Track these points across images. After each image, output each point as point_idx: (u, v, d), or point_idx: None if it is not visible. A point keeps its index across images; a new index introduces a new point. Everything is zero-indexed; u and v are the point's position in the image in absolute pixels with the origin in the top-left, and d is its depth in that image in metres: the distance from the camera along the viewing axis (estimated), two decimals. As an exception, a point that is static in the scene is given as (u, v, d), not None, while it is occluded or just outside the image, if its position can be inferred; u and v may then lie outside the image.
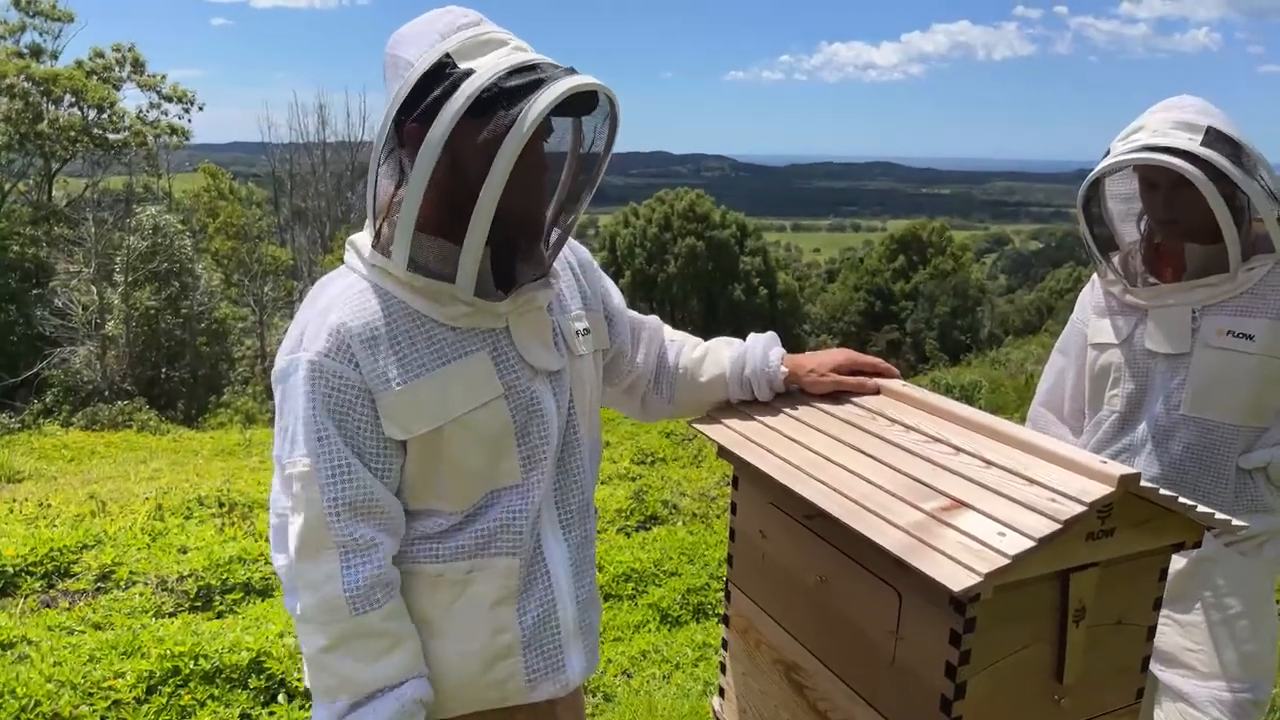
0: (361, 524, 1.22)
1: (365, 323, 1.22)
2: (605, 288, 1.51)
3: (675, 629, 3.88)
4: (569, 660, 1.36)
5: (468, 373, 1.24)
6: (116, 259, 19.24)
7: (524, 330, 1.30)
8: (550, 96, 1.14)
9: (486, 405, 1.25)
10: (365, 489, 1.22)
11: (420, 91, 1.17)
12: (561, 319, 1.37)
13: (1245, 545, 1.85)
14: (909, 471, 1.20)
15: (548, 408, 1.31)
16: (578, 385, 1.38)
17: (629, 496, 5.68)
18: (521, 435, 1.28)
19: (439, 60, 1.18)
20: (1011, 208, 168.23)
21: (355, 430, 1.22)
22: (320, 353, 1.21)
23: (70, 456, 10.98)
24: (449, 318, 1.24)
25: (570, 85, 1.16)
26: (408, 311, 1.24)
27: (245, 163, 41.68)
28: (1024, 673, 1.14)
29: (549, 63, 1.20)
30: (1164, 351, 1.86)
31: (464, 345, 1.25)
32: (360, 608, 1.21)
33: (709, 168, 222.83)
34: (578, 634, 1.37)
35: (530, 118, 1.14)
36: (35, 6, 22.06)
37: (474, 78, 1.16)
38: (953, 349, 34.64)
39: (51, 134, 20.51)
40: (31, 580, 4.09)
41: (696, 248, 35.84)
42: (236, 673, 2.98)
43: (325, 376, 1.21)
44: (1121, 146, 1.86)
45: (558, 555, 1.35)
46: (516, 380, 1.28)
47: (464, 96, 1.15)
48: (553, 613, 1.34)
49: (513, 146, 1.14)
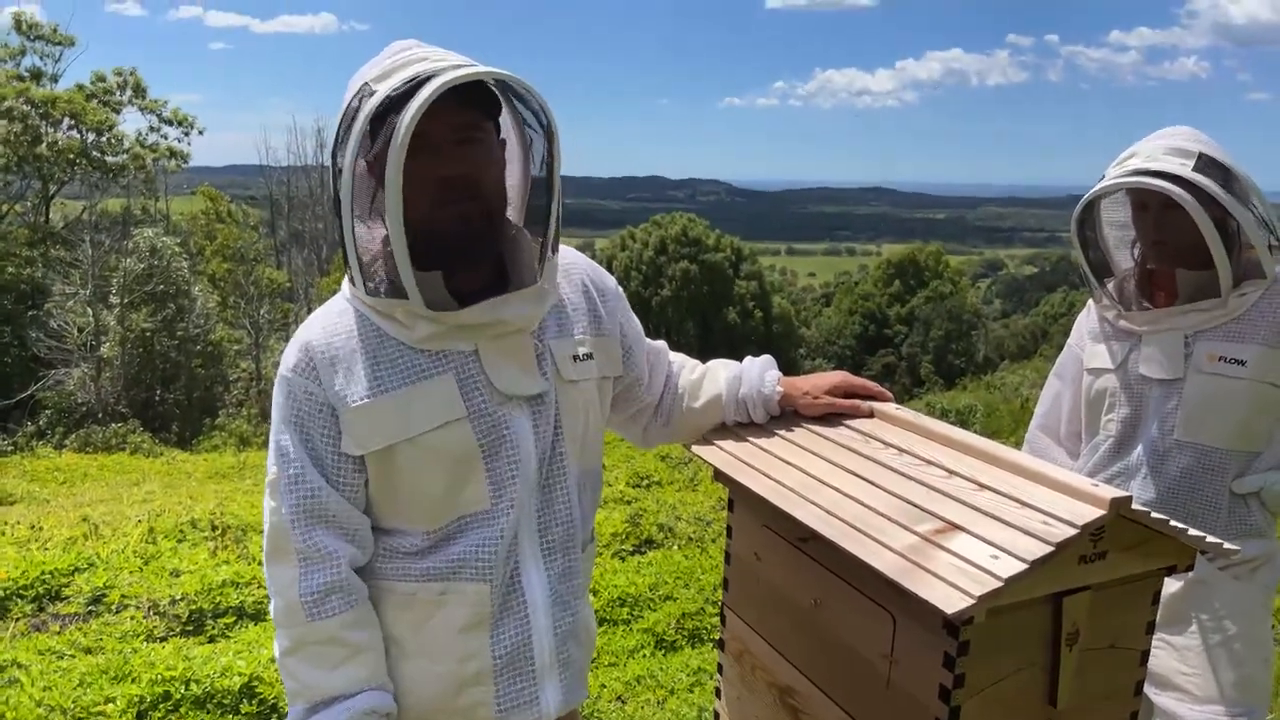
0: (320, 531, 1.25)
1: (330, 341, 1.27)
2: (626, 316, 1.51)
3: (670, 654, 3.86)
4: (543, 693, 1.34)
5: (430, 394, 1.25)
6: (113, 281, 19.26)
7: (495, 354, 1.28)
8: (421, 98, 1.13)
9: (446, 426, 1.25)
10: (322, 498, 1.25)
11: (341, 124, 1.21)
12: (555, 342, 1.35)
13: (1239, 569, 1.85)
14: (902, 494, 1.21)
15: (520, 433, 1.29)
16: (568, 411, 1.35)
17: (624, 520, 5.66)
18: (489, 459, 1.28)
19: (359, 89, 1.21)
20: (1005, 233, 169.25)
21: (316, 443, 1.26)
22: (289, 368, 1.28)
23: (63, 479, 10.92)
24: (418, 341, 1.26)
25: (440, 83, 1.14)
26: (379, 334, 1.27)
27: (242, 185, 41.81)
28: (1017, 696, 1.14)
29: (451, 64, 1.19)
30: (1158, 377, 1.88)
31: (431, 367, 1.27)
32: (315, 614, 1.24)
33: (705, 192, 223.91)
34: (554, 667, 1.35)
35: (405, 122, 1.13)
36: (36, 31, 22.23)
37: (372, 98, 1.17)
38: (947, 373, 34.71)
39: (50, 156, 20.60)
40: (22, 603, 4.05)
41: (690, 271, 35.97)
42: (228, 698, 2.95)
43: (293, 392, 1.27)
44: (1115, 171, 1.89)
45: (536, 584, 1.33)
46: (483, 404, 1.27)
47: (362, 117, 1.17)
48: (527, 643, 1.32)
49: (395, 156, 1.14)
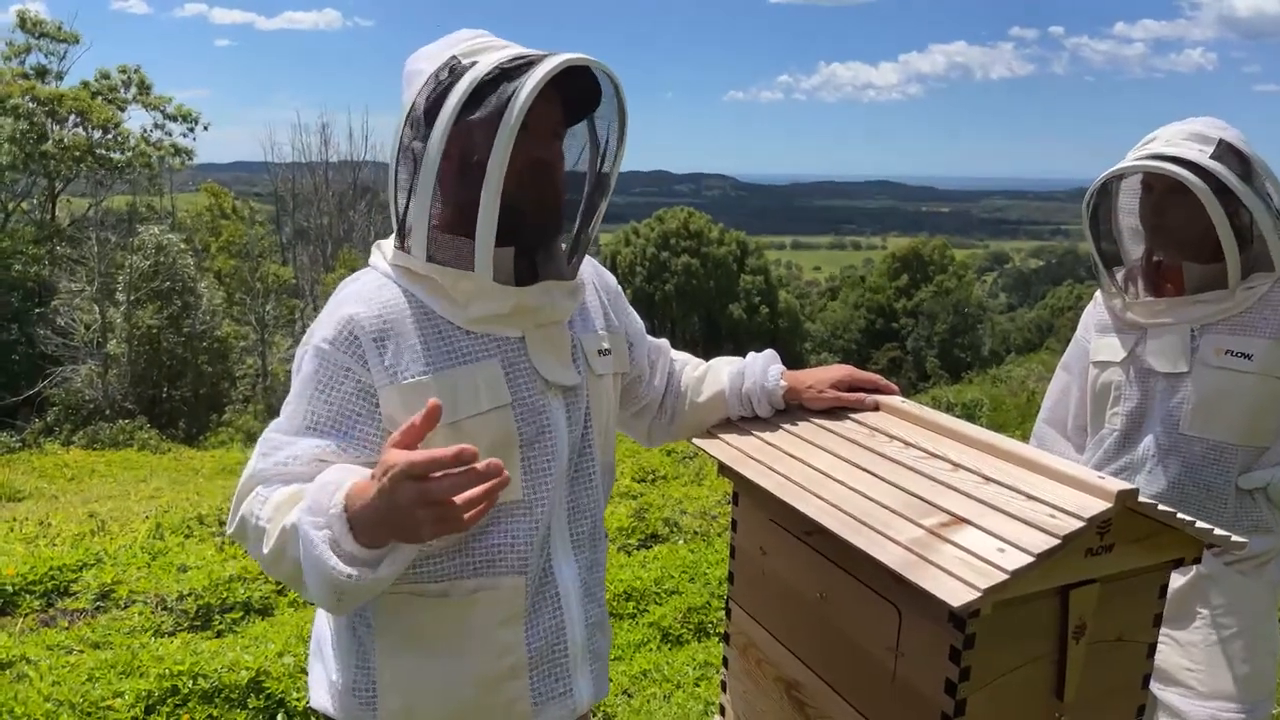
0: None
1: (377, 315, 1.22)
2: (629, 313, 1.52)
3: (676, 648, 3.86)
4: (576, 684, 1.33)
5: (476, 377, 1.23)
6: (119, 278, 19.30)
7: (540, 343, 1.28)
8: (542, 70, 1.16)
9: (491, 412, 1.23)
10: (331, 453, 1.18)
11: (430, 89, 1.22)
12: (584, 336, 1.36)
13: (1245, 565, 1.84)
14: (908, 487, 1.20)
15: (557, 423, 1.30)
16: (595, 405, 1.36)
17: (630, 515, 5.66)
18: (527, 448, 1.26)
19: (447, 60, 1.23)
20: (1010, 225, 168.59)
21: (347, 416, 1.21)
22: (326, 339, 1.22)
23: (71, 475, 10.97)
24: (466, 321, 1.24)
25: (562, 60, 1.18)
26: (424, 310, 1.24)
27: (247, 182, 41.85)
28: (1024, 690, 1.13)
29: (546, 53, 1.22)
30: (1164, 370, 1.86)
31: (477, 350, 1.24)
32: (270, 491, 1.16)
33: (710, 186, 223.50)
34: (586, 658, 1.35)
35: (526, 89, 1.16)
36: (41, 28, 22.26)
37: (474, 69, 1.20)
38: (953, 367, 34.63)
39: (56, 154, 20.64)
40: (31, 599, 4.07)
41: (692, 265, 35.91)
42: (236, 692, 2.96)
43: (327, 364, 1.21)
44: (1133, 154, 1.86)
45: (568, 576, 1.32)
46: (527, 392, 1.27)
47: (465, 84, 1.18)
48: (561, 635, 1.31)
49: (511, 120, 1.16)
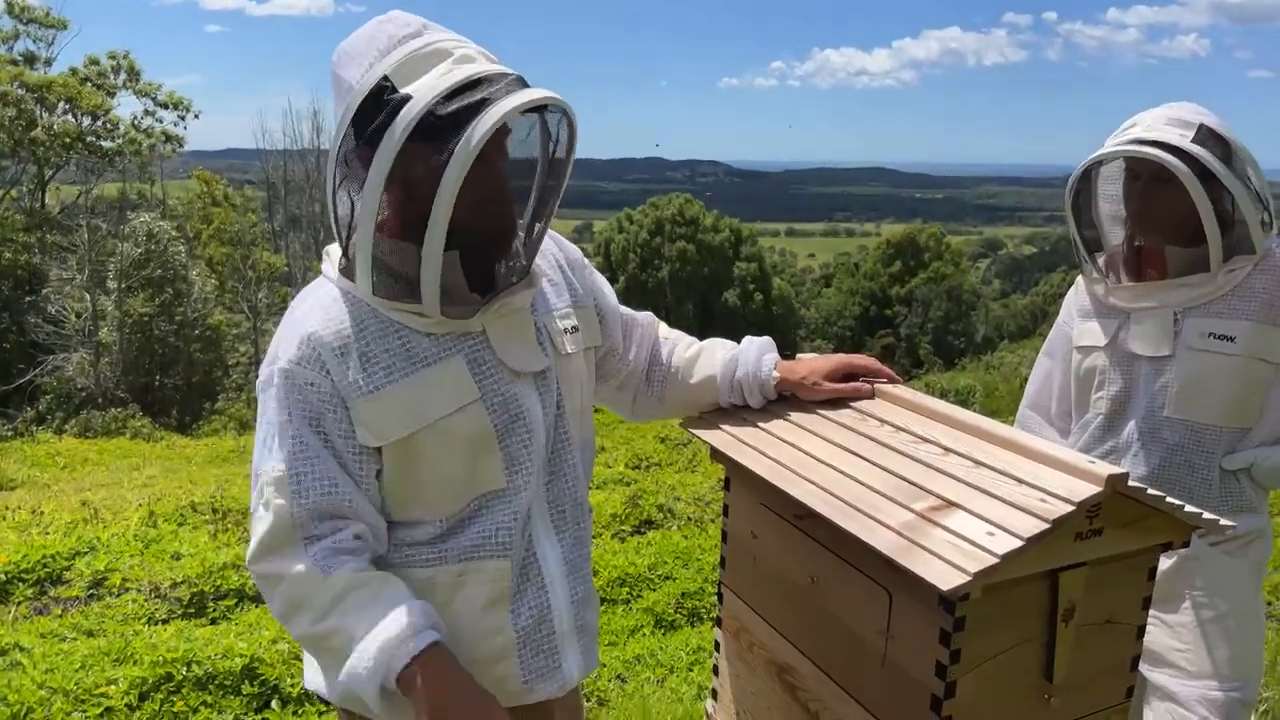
0: (332, 522, 1.22)
1: (336, 331, 1.23)
2: (596, 284, 1.50)
3: (670, 633, 3.88)
4: (565, 660, 1.36)
5: (442, 378, 1.24)
6: (110, 266, 19.21)
7: (502, 333, 1.28)
8: (488, 122, 1.12)
9: (463, 409, 1.24)
10: (340, 491, 1.22)
11: (361, 118, 1.16)
12: (546, 318, 1.36)
13: (1231, 545, 1.85)
14: (899, 472, 1.21)
15: (531, 409, 1.30)
16: (566, 385, 1.37)
17: (624, 501, 5.68)
18: (503, 438, 1.28)
19: (377, 84, 1.16)
20: (1004, 212, 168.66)
21: (332, 436, 1.22)
22: (292, 361, 1.22)
23: (63, 464, 10.96)
24: (423, 325, 1.24)
25: (510, 106, 1.14)
26: (380, 319, 1.24)
27: (239, 169, 41.60)
28: (1014, 671, 1.14)
29: (494, 73, 1.17)
30: (1147, 354, 1.87)
31: (439, 351, 1.25)
32: (328, 569, 1.19)
33: (704, 173, 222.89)
34: (573, 634, 1.37)
35: (470, 146, 1.12)
36: (29, 14, 22.05)
37: (410, 105, 1.13)
38: (947, 353, 34.71)
39: (45, 141, 20.48)
40: (24, 587, 4.08)
41: (687, 251, 35.87)
42: (230, 679, 2.97)
43: (298, 385, 1.22)
44: (1114, 140, 1.87)
45: (551, 556, 1.34)
46: (495, 383, 1.27)
47: (401, 126, 1.13)
48: (547, 614, 1.33)
49: (454, 176, 1.13)
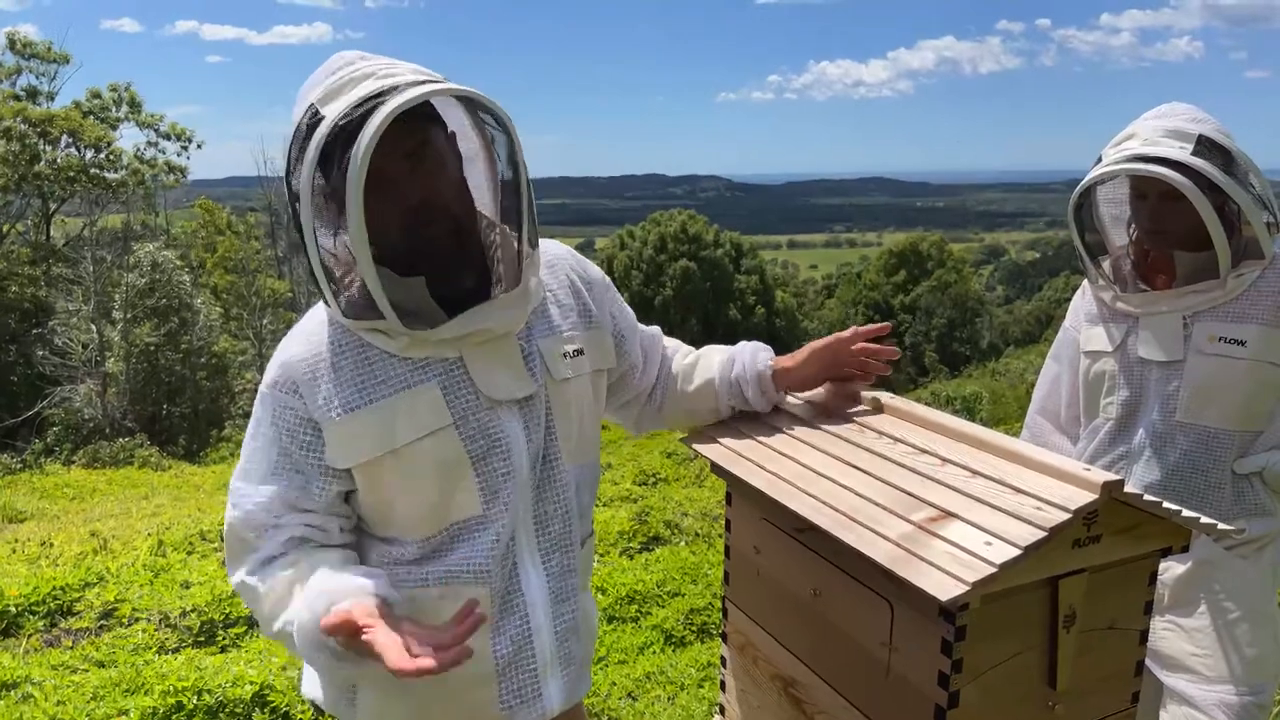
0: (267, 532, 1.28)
1: (310, 354, 1.26)
2: (617, 306, 1.50)
3: (679, 650, 3.87)
4: (546, 690, 1.35)
5: (414, 403, 1.24)
6: (115, 296, 19.29)
7: (480, 360, 1.28)
8: (369, 134, 1.11)
9: (433, 435, 1.24)
10: (295, 492, 1.27)
11: (293, 149, 1.18)
12: (544, 341, 1.34)
13: (1246, 549, 1.85)
14: (897, 483, 1.21)
15: (511, 436, 1.29)
16: (560, 410, 1.35)
17: (631, 517, 5.67)
18: (479, 465, 1.27)
19: (306, 109, 1.18)
20: (1005, 218, 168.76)
21: (296, 455, 1.26)
22: (270, 384, 1.28)
23: (72, 495, 10.97)
24: (400, 349, 1.25)
25: (390, 110, 1.11)
26: (360, 343, 1.26)
27: (242, 197, 41.81)
28: (1017, 680, 1.14)
29: (403, 83, 1.15)
30: (1157, 359, 1.86)
31: (414, 376, 1.25)
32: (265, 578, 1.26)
33: (704, 188, 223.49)
34: (555, 663, 1.36)
35: (358, 158, 1.11)
36: (31, 49, 22.26)
37: (322, 125, 1.14)
38: (952, 361, 34.65)
39: (49, 174, 20.62)
40: (34, 620, 4.08)
41: (690, 269, 35.91)
42: (240, 707, 2.97)
43: (274, 407, 1.27)
44: (1113, 154, 1.86)
45: (535, 584, 1.33)
46: (470, 410, 1.27)
47: (313, 145, 1.14)
48: (528, 643, 1.33)
49: (354, 189, 1.12)
